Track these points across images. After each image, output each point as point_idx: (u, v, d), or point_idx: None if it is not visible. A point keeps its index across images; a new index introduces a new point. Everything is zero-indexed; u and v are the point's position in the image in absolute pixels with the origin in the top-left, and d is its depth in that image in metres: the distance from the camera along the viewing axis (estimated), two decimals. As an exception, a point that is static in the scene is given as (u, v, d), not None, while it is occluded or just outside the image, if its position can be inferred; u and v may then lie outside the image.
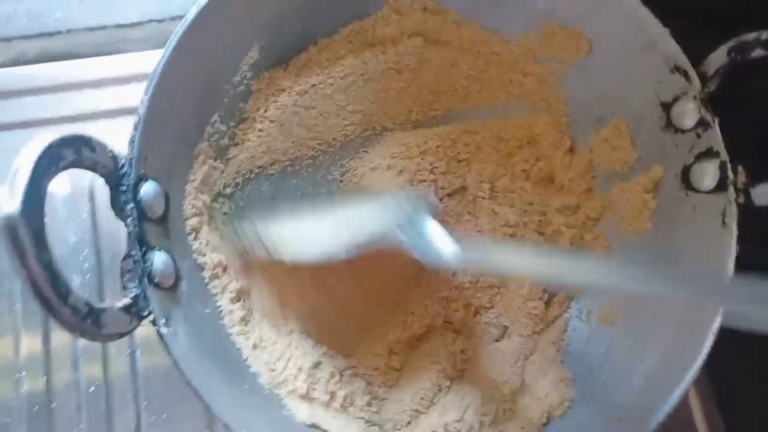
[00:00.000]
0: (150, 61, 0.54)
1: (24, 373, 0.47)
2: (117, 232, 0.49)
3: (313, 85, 0.45)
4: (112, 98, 0.54)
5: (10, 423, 0.46)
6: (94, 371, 0.47)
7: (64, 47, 0.60)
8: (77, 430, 0.46)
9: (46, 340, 0.48)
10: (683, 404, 0.49)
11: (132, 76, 0.55)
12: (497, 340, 0.45)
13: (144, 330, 0.34)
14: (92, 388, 0.47)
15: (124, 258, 0.35)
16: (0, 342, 0.48)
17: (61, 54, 0.59)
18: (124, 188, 0.35)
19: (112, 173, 0.35)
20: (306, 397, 0.40)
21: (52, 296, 0.28)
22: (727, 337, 0.37)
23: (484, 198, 0.47)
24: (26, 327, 0.48)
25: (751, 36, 0.37)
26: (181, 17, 0.59)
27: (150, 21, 0.61)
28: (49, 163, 0.30)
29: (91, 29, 0.60)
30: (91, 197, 0.51)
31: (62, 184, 0.51)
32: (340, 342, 0.43)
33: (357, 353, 0.44)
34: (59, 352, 0.48)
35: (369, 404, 0.42)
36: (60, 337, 0.48)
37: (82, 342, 0.48)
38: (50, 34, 0.60)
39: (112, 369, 0.48)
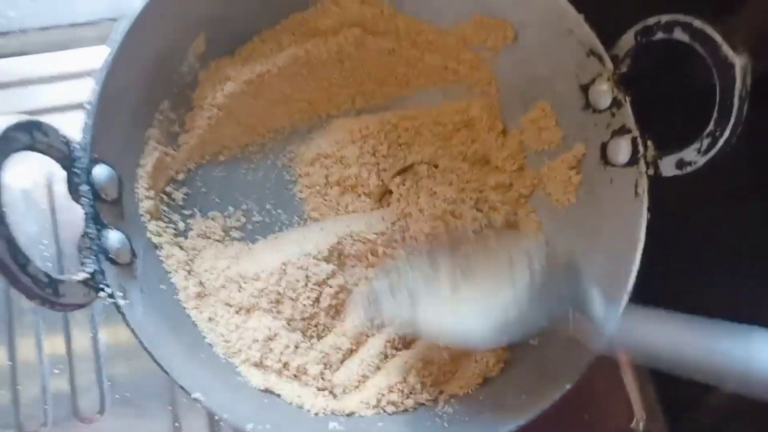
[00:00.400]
0: (102, 56, 0.57)
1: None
2: (76, 221, 0.51)
3: (259, 75, 0.48)
4: (66, 93, 0.56)
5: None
6: (58, 353, 0.49)
7: (17, 46, 0.61)
8: (42, 411, 0.48)
9: (10, 323, 0.49)
10: (610, 358, 0.52)
11: (85, 71, 0.57)
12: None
13: (107, 310, 0.36)
14: (56, 370, 0.49)
15: (82, 236, 0.37)
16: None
17: (14, 53, 0.60)
18: (78, 171, 0.37)
19: (66, 157, 0.37)
20: (260, 366, 0.43)
21: (12, 265, 0.30)
22: (652, 289, 0.41)
23: (424, 178, 0.50)
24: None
25: (652, 21, 0.41)
26: (135, 15, 0.61)
27: (102, 20, 0.62)
28: (4, 145, 0.32)
29: (45, 28, 0.61)
30: (49, 189, 0.53)
31: (20, 177, 0.53)
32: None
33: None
34: (22, 333, 0.49)
35: (321, 374, 0.45)
36: (23, 318, 0.49)
37: (45, 325, 0.49)
38: (3, 34, 0.61)
39: (76, 350, 0.49)
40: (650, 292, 0.42)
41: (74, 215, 0.51)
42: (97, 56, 0.56)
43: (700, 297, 0.51)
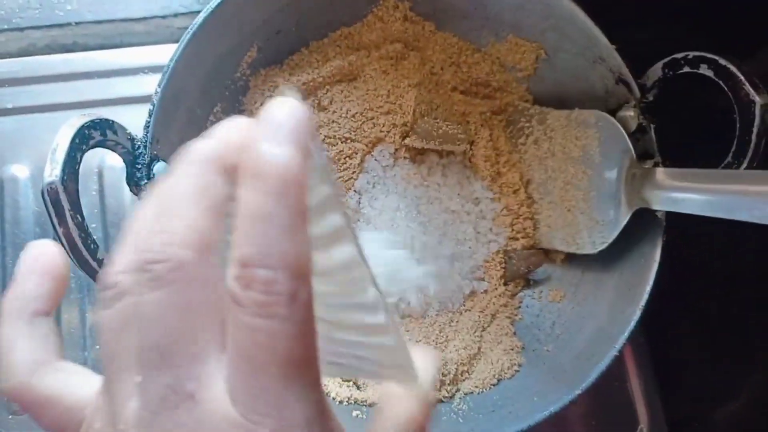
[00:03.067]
0: (153, 54, 0.60)
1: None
2: (122, 206, 0.55)
3: (304, 83, 0.51)
4: (120, 87, 0.59)
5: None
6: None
7: (72, 38, 0.64)
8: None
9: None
10: (619, 368, 0.56)
11: (138, 68, 0.61)
12: (460, 313, 0.51)
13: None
14: (98, 346, 0.52)
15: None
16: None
17: (68, 45, 0.64)
18: (140, 166, 0.41)
19: (129, 153, 0.41)
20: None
21: (84, 251, 0.34)
22: (663, 304, 0.44)
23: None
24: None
25: (680, 55, 0.43)
26: (182, 14, 0.65)
27: (154, 17, 0.66)
28: (81, 141, 0.36)
29: (99, 22, 0.65)
30: (100, 176, 0.56)
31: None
32: None
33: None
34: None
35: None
36: (69, 296, 0.53)
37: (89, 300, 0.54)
38: (60, 26, 0.65)
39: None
40: (662, 310, 0.44)
41: (120, 201, 0.56)
42: (148, 54, 0.61)
43: (710, 316, 0.54)
